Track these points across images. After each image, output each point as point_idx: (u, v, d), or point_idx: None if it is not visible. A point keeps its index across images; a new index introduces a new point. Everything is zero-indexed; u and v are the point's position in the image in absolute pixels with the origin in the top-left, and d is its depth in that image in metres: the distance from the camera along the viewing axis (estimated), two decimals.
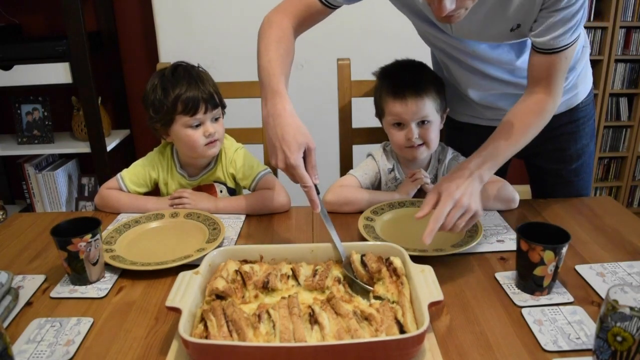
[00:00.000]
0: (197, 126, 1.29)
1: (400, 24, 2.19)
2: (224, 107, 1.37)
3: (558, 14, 1.04)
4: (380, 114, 1.37)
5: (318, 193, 1.02)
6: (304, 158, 0.98)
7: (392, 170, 1.38)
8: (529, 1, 1.05)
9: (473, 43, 1.22)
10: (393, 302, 0.86)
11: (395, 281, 0.90)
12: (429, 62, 1.42)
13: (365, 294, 0.90)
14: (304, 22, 1.19)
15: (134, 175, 1.36)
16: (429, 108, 1.28)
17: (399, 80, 1.29)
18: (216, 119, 1.33)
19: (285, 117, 0.98)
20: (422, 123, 1.29)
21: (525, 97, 1.16)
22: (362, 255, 0.95)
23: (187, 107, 1.27)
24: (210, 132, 1.30)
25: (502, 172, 1.39)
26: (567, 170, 1.43)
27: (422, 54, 1.41)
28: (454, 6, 0.93)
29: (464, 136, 1.46)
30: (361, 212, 1.24)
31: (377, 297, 0.89)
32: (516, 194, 1.29)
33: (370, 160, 1.39)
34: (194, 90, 1.27)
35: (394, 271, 0.91)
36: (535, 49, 1.12)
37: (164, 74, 1.31)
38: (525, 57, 1.21)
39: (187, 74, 1.30)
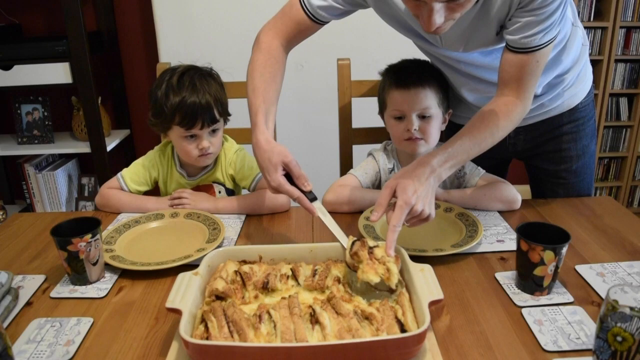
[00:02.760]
0: (192, 137, 1.29)
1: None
2: (228, 115, 1.36)
3: (532, 13, 1.04)
4: (382, 108, 1.36)
5: (315, 199, 1.06)
6: (288, 173, 1.05)
7: (393, 169, 1.38)
8: (507, 3, 1.05)
9: (463, 53, 1.22)
10: (393, 298, 0.86)
11: (374, 265, 0.88)
12: None
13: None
14: (295, 38, 1.24)
15: (135, 174, 1.37)
16: (431, 100, 1.28)
17: (403, 71, 1.31)
18: (214, 131, 1.32)
19: (260, 147, 1.06)
20: (423, 117, 1.28)
21: (495, 98, 1.14)
22: (354, 241, 0.94)
23: (183, 120, 1.26)
24: (203, 147, 1.29)
25: (501, 173, 1.39)
26: (567, 172, 1.43)
27: (422, 54, 1.40)
28: (442, 20, 0.94)
29: None
30: (361, 211, 1.25)
31: (367, 286, 0.88)
32: (518, 194, 1.29)
33: (370, 160, 1.39)
34: (193, 103, 1.25)
35: (376, 258, 0.90)
36: (507, 47, 1.11)
37: (172, 76, 1.29)
38: None
39: (192, 84, 1.28)
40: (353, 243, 0.94)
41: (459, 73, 1.31)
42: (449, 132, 1.49)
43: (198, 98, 1.26)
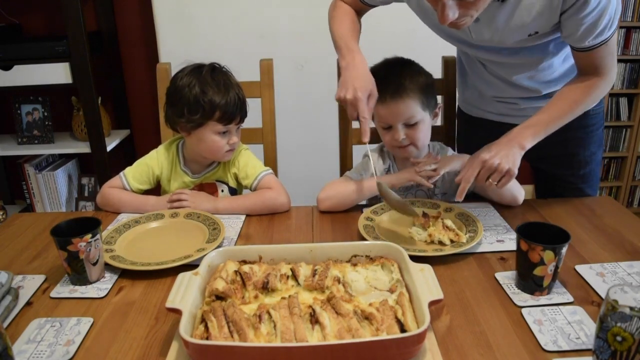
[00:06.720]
0: (224, 133, 1.31)
1: (399, 24, 2.18)
2: None
3: (585, 19, 1.06)
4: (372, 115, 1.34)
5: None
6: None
7: (388, 170, 1.39)
8: (548, 10, 1.08)
9: (494, 49, 1.24)
10: (396, 292, 0.86)
11: (447, 230, 1.11)
12: (429, 61, 1.41)
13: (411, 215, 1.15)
14: (358, 11, 1.38)
15: (137, 173, 1.37)
16: (413, 108, 1.26)
17: (381, 82, 1.25)
18: (238, 128, 1.35)
19: (361, 68, 1.21)
20: (409, 125, 1.28)
21: (576, 77, 1.21)
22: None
23: (224, 116, 1.28)
24: (234, 142, 1.32)
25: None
26: (575, 177, 1.44)
27: (421, 53, 1.40)
28: (456, 15, 1.00)
29: (474, 130, 1.47)
30: (358, 205, 1.27)
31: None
32: (522, 190, 1.28)
33: (366, 161, 1.39)
34: (232, 100, 1.28)
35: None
36: (573, 49, 1.16)
37: (202, 73, 1.29)
38: (546, 63, 1.27)
39: (226, 80, 1.30)
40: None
41: (488, 70, 1.34)
42: (461, 122, 1.49)
43: (236, 94, 1.30)
